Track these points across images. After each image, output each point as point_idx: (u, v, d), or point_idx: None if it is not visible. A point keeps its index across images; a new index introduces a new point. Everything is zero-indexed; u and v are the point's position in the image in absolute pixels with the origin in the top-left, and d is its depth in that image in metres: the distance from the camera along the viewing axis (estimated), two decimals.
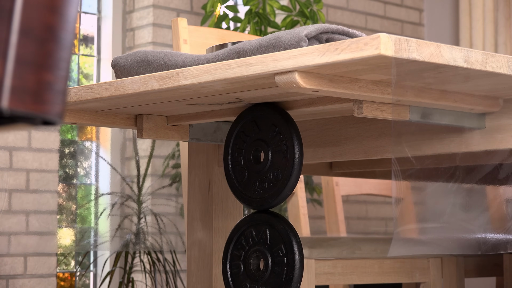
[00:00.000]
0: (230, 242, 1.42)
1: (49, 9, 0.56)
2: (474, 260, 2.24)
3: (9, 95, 0.54)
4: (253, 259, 1.39)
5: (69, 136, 3.78)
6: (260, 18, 3.33)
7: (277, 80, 1.12)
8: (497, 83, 1.20)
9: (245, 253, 1.40)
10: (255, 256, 1.39)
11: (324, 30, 1.22)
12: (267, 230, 1.38)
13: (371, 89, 1.16)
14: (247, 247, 1.40)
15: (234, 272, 1.41)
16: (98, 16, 3.85)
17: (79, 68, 3.80)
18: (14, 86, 0.54)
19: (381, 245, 1.95)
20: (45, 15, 0.56)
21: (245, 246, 1.40)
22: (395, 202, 1.30)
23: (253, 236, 1.39)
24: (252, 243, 1.39)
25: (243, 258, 1.40)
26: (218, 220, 1.69)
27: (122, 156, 3.78)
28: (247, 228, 1.40)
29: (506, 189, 1.47)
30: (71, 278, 3.72)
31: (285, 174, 1.34)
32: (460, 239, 1.53)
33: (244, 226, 1.41)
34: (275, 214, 1.38)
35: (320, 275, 1.78)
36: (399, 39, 1.01)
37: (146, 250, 3.55)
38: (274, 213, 1.38)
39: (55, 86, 0.57)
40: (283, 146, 1.35)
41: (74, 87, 1.39)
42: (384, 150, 1.46)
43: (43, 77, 0.56)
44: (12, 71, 0.54)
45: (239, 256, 1.41)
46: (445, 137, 1.38)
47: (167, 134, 1.57)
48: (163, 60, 1.40)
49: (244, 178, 1.40)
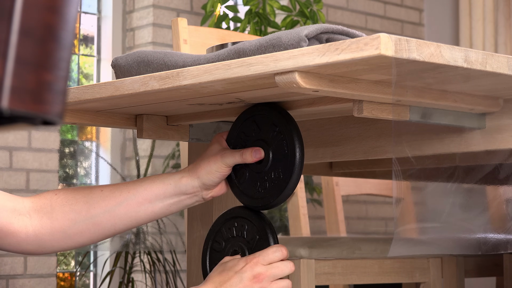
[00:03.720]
0: (211, 234, 1.44)
1: (49, 9, 0.56)
2: (474, 260, 2.24)
3: (9, 95, 0.54)
4: (232, 253, 1.41)
5: (69, 136, 3.78)
6: (260, 18, 3.33)
7: (277, 80, 1.12)
8: (497, 83, 1.20)
9: (224, 245, 1.42)
10: (233, 251, 1.41)
11: (324, 30, 1.22)
12: (245, 224, 1.40)
13: (371, 89, 1.16)
14: (226, 239, 1.42)
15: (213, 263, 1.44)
16: (98, 16, 3.85)
17: (79, 68, 3.80)
18: (14, 86, 0.54)
19: (381, 245, 1.95)
20: (45, 15, 0.56)
21: (226, 238, 1.42)
22: (395, 202, 1.30)
23: (232, 230, 1.42)
24: (230, 237, 1.41)
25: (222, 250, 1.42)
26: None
27: (122, 156, 3.78)
28: (228, 222, 1.43)
29: (506, 189, 1.47)
30: (71, 278, 3.72)
31: (286, 174, 1.34)
32: (460, 239, 1.53)
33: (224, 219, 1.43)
34: (249, 208, 1.40)
35: (320, 275, 1.78)
36: (399, 39, 1.01)
37: (146, 250, 3.55)
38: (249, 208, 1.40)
39: (55, 86, 0.57)
40: (283, 145, 1.35)
41: (74, 87, 1.39)
42: (384, 150, 1.46)
43: (43, 77, 0.56)
44: (12, 71, 0.54)
45: (219, 248, 1.43)
46: (445, 137, 1.38)
47: (167, 134, 1.57)
48: (163, 60, 1.40)
49: (245, 178, 1.40)
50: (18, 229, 1.40)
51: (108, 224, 1.41)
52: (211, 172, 1.39)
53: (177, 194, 1.41)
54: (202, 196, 1.42)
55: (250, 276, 1.31)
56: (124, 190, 1.42)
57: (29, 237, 1.40)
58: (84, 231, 1.42)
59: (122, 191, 1.42)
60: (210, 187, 1.41)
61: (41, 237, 1.41)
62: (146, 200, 1.41)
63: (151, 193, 1.41)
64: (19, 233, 1.40)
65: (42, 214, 1.41)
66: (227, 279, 1.31)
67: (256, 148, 1.38)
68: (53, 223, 1.41)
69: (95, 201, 1.41)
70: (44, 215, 1.41)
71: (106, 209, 1.41)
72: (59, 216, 1.41)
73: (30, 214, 1.41)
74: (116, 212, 1.41)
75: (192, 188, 1.40)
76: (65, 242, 1.42)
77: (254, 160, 1.37)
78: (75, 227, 1.41)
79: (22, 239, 1.40)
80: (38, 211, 1.41)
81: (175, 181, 1.41)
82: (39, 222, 1.41)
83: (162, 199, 1.41)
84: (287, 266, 1.33)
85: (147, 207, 1.41)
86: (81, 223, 1.41)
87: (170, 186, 1.41)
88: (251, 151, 1.37)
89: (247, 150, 1.38)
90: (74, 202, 1.41)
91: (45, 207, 1.41)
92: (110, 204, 1.41)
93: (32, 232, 1.40)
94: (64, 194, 1.43)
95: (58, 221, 1.41)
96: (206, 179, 1.39)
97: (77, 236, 1.42)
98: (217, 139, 1.44)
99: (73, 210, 1.41)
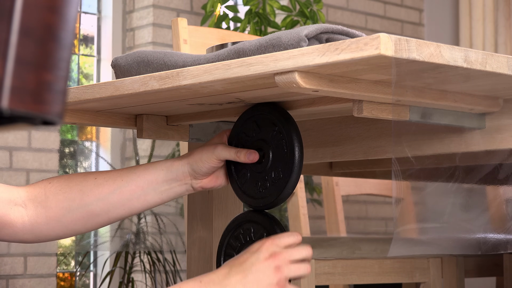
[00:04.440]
0: (227, 233, 1.44)
1: (49, 9, 0.56)
2: (474, 260, 2.24)
3: (9, 95, 0.54)
4: None
5: (69, 136, 3.78)
6: (260, 18, 3.33)
7: (277, 80, 1.12)
8: (497, 83, 1.20)
9: (240, 246, 1.41)
10: None
11: (324, 30, 1.22)
12: (250, 227, 1.39)
13: (371, 89, 1.16)
14: (243, 241, 1.41)
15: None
16: (98, 16, 3.85)
17: (79, 68, 3.80)
18: (14, 86, 0.54)
19: (381, 245, 1.95)
20: (45, 15, 0.56)
21: (242, 240, 1.41)
22: (395, 202, 1.30)
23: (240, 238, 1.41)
24: (240, 245, 1.41)
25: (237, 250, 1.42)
26: (218, 220, 1.69)
27: (122, 156, 3.78)
28: (244, 224, 1.42)
29: (506, 189, 1.47)
30: (71, 278, 3.72)
31: (286, 173, 1.34)
32: (460, 239, 1.53)
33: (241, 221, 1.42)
34: (264, 213, 1.40)
35: (320, 275, 1.78)
36: (399, 39, 1.01)
37: (146, 250, 3.55)
38: (264, 212, 1.40)
39: (55, 86, 0.57)
40: (283, 144, 1.35)
41: (74, 87, 1.39)
42: (384, 150, 1.46)
43: (43, 77, 0.56)
44: (12, 71, 0.54)
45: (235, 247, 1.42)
46: (445, 137, 1.38)
47: (167, 134, 1.57)
48: (163, 60, 1.40)
49: (247, 178, 1.41)
50: (14, 220, 1.40)
51: (102, 212, 1.41)
52: (201, 160, 1.40)
53: (168, 180, 1.41)
54: (192, 185, 1.42)
55: (267, 255, 1.27)
56: (117, 177, 1.42)
57: (25, 227, 1.41)
58: (79, 219, 1.41)
59: (116, 178, 1.42)
60: (199, 176, 1.41)
61: (36, 226, 1.41)
62: (138, 188, 1.41)
63: (144, 180, 1.41)
64: (16, 223, 1.40)
65: (37, 203, 1.41)
66: (242, 261, 1.28)
67: (252, 151, 1.38)
68: (48, 212, 1.41)
69: (88, 189, 1.41)
70: (39, 204, 1.41)
71: (100, 197, 1.41)
72: (53, 204, 1.41)
73: (25, 204, 1.41)
74: (110, 200, 1.41)
75: (182, 174, 1.41)
76: (60, 230, 1.42)
77: (247, 161, 1.38)
78: (69, 215, 1.41)
79: (19, 229, 1.40)
80: (33, 200, 1.41)
81: (167, 167, 1.41)
82: (34, 212, 1.41)
83: (154, 186, 1.41)
84: (305, 249, 1.30)
85: (140, 194, 1.41)
86: (75, 211, 1.41)
87: (162, 172, 1.41)
88: (246, 151, 1.38)
89: (242, 150, 1.38)
90: (67, 190, 1.41)
91: (39, 196, 1.41)
92: (104, 192, 1.41)
93: (28, 222, 1.40)
94: (58, 182, 1.43)
95: (52, 210, 1.41)
96: (195, 166, 1.40)
97: (72, 224, 1.42)
98: (219, 135, 1.45)
99: (67, 198, 1.41)
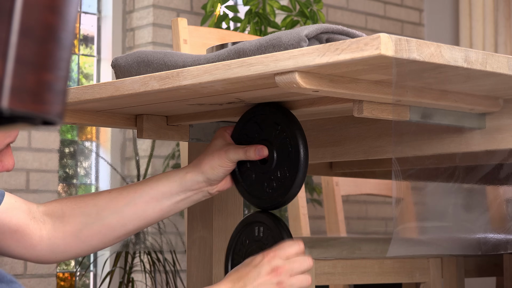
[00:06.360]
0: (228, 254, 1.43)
1: (49, 9, 0.56)
2: (474, 260, 2.24)
3: (9, 95, 0.54)
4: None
5: (69, 136, 3.78)
6: (260, 18, 3.32)
7: (277, 80, 1.12)
8: (497, 83, 1.20)
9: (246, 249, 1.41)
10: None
11: (324, 30, 1.22)
12: (260, 228, 1.39)
13: (371, 89, 1.16)
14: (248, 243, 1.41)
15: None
16: (98, 16, 3.85)
17: (79, 68, 3.80)
18: (14, 86, 0.54)
19: (381, 245, 1.95)
20: (45, 15, 0.56)
21: (247, 242, 1.41)
22: (395, 202, 1.30)
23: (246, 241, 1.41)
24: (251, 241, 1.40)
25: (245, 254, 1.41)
26: (218, 220, 1.69)
27: (122, 156, 3.78)
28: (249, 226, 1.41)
29: (506, 189, 1.47)
30: (71, 278, 3.72)
31: (292, 171, 1.34)
32: (460, 239, 1.53)
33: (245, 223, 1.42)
34: (269, 214, 1.39)
35: (320, 275, 1.78)
36: (399, 39, 1.01)
37: (146, 250, 3.54)
38: (269, 213, 1.39)
39: (55, 86, 0.57)
40: (287, 143, 1.35)
41: (74, 87, 1.39)
42: (384, 150, 1.46)
43: (43, 77, 0.56)
44: (12, 71, 0.54)
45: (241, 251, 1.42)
46: (445, 137, 1.38)
47: (167, 134, 1.57)
48: (163, 60, 1.40)
49: (252, 180, 1.40)
50: (33, 231, 1.41)
51: (118, 225, 1.42)
52: (214, 167, 1.39)
53: (183, 191, 1.41)
54: (208, 191, 1.42)
55: (268, 269, 1.28)
56: (131, 190, 1.43)
57: (43, 241, 1.41)
58: (96, 234, 1.42)
59: (129, 191, 1.43)
60: (214, 182, 1.41)
61: (54, 240, 1.42)
62: (153, 199, 1.42)
63: (157, 192, 1.41)
64: (34, 235, 1.41)
65: (54, 218, 1.42)
66: (244, 274, 1.28)
67: (260, 146, 1.37)
68: (65, 227, 1.42)
69: (103, 203, 1.42)
70: (56, 219, 1.42)
71: (115, 210, 1.42)
72: (70, 219, 1.42)
73: (43, 218, 1.42)
74: (125, 212, 1.42)
75: (197, 183, 1.41)
76: (78, 246, 1.43)
77: (257, 158, 1.37)
78: (86, 230, 1.42)
79: (37, 242, 1.41)
80: (50, 215, 1.42)
81: (180, 178, 1.41)
82: (52, 226, 1.42)
83: (169, 197, 1.42)
84: (306, 260, 1.31)
85: (155, 205, 1.42)
86: (92, 225, 1.42)
87: (175, 184, 1.41)
88: (254, 148, 1.37)
89: (251, 147, 1.38)
90: (83, 205, 1.42)
91: (56, 211, 1.43)
92: (118, 205, 1.42)
93: (46, 236, 1.41)
94: (73, 198, 1.45)
95: (69, 224, 1.42)
96: (210, 174, 1.40)
97: (89, 239, 1.42)
98: (220, 134, 1.44)
99: (83, 213, 1.42)
